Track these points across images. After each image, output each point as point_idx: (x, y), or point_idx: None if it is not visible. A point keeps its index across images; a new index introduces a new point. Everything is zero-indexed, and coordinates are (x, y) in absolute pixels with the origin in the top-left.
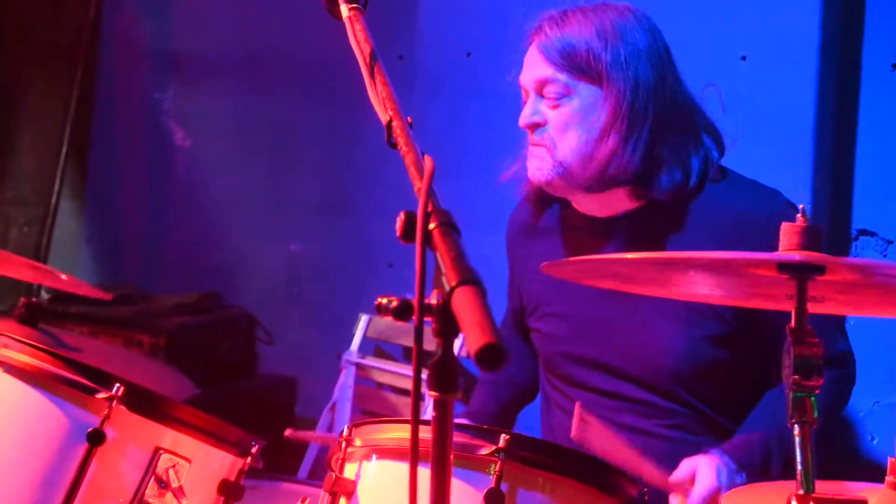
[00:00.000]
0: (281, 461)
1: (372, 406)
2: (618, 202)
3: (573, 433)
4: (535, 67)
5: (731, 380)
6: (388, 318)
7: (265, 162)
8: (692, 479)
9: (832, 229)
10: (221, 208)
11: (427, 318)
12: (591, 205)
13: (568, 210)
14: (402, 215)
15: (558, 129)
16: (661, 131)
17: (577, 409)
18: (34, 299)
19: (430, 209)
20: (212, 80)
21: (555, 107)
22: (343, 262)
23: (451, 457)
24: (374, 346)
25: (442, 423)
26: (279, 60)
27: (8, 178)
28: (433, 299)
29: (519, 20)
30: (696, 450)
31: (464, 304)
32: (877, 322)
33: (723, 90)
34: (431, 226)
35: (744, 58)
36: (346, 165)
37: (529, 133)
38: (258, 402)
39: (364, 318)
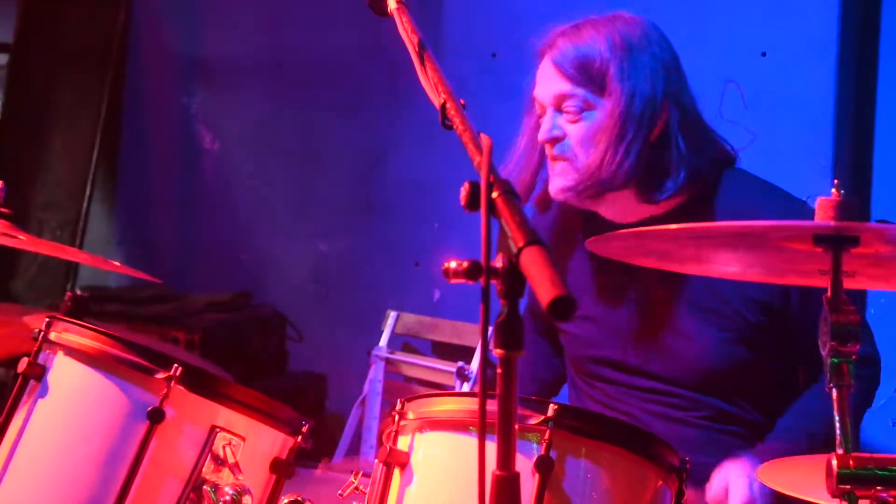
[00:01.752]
0: (317, 447)
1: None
2: (641, 209)
3: None
4: (551, 82)
5: (755, 377)
6: (459, 280)
7: (293, 164)
8: (726, 492)
9: None
10: (250, 210)
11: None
12: (613, 212)
13: (594, 219)
14: (465, 185)
15: (579, 142)
16: (666, 139)
17: None
18: (79, 292)
19: (491, 179)
20: (239, 85)
21: (575, 121)
22: (370, 261)
23: (516, 410)
24: (403, 342)
25: (507, 378)
26: (305, 64)
27: (41, 183)
28: (498, 262)
29: (543, 21)
30: (723, 437)
31: (532, 262)
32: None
33: (744, 86)
34: (494, 194)
35: (764, 54)
36: (373, 167)
37: (549, 147)
38: (290, 399)
39: (392, 315)
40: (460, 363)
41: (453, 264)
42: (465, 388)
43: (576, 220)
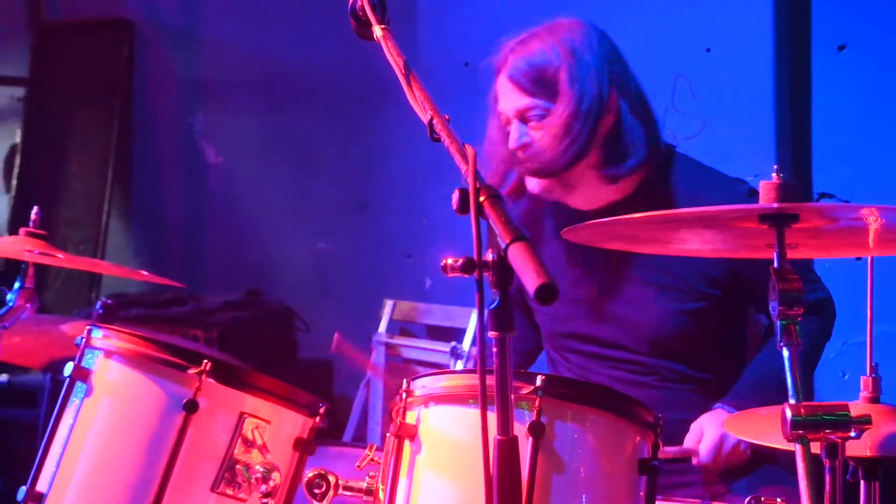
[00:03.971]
0: (327, 428)
1: (402, 380)
2: (604, 195)
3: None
4: (511, 98)
5: (706, 341)
6: (456, 275)
7: (290, 172)
8: (700, 438)
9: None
10: (254, 216)
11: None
12: (579, 201)
13: (561, 207)
14: (456, 192)
15: (543, 142)
16: (620, 126)
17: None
18: (109, 301)
19: (478, 185)
20: (237, 103)
21: (538, 128)
22: (366, 256)
23: (512, 382)
24: (400, 327)
25: (502, 355)
26: (297, 81)
27: (62, 203)
28: (489, 256)
29: (513, 32)
30: (680, 395)
31: (518, 255)
32: (842, 269)
33: (692, 80)
34: (482, 198)
35: (708, 49)
36: (363, 170)
37: (520, 153)
38: (300, 385)
39: (389, 304)
40: (453, 343)
41: (450, 261)
42: (459, 365)
43: (545, 209)
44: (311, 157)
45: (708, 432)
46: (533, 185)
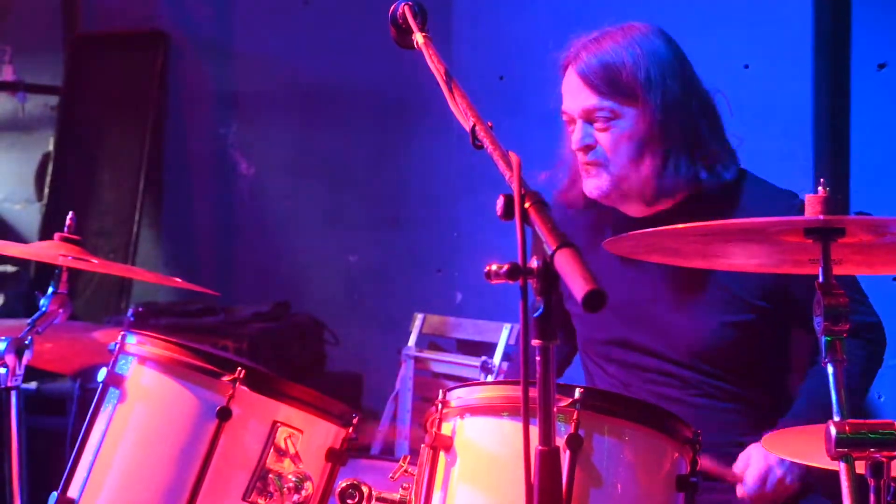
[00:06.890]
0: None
1: (431, 394)
2: (657, 204)
3: None
4: (579, 96)
5: (753, 356)
6: (501, 281)
7: (322, 185)
8: (746, 467)
9: None
10: (285, 228)
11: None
12: (633, 208)
13: (608, 210)
14: (501, 198)
15: (609, 148)
16: (695, 138)
17: None
18: (140, 309)
19: (523, 192)
20: (270, 115)
21: (604, 129)
22: (397, 270)
23: (555, 392)
24: (429, 341)
25: (546, 364)
26: (329, 94)
27: (93, 212)
28: (533, 263)
29: (546, 45)
30: (722, 416)
31: (565, 262)
32: (882, 288)
33: (730, 96)
34: (527, 204)
35: (747, 66)
36: (394, 184)
37: (582, 154)
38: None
39: (419, 317)
40: (483, 357)
41: (494, 267)
42: (491, 379)
43: (597, 214)
44: (342, 170)
45: (754, 462)
46: (591, 187)
